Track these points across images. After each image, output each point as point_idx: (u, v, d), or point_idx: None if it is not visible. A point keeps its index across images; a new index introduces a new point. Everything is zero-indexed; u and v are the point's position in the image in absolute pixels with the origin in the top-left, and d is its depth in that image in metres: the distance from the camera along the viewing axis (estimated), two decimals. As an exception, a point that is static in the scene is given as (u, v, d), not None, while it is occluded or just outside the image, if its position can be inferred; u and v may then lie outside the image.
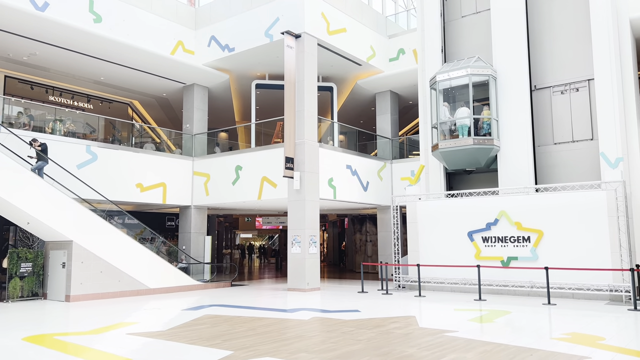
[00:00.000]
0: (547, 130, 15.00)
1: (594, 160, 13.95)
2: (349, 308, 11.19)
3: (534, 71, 15.26)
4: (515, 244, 13.51)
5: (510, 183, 14.59)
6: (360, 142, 20.05)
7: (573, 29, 14.68)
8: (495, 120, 15.06)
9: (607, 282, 11.96)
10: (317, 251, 15.36)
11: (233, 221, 36.16)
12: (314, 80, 15.96)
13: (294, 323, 9.21)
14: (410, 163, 18.49)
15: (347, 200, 16.99)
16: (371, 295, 13.97)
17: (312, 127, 15.62)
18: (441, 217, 14.81)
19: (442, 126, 15.54)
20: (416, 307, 11.26)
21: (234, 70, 18.78)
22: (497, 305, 11.49)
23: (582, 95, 14.56)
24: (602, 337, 7.51)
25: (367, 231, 23.97)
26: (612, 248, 12.03)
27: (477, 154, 14.79)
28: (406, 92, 20.49)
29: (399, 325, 8.76)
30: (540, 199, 13.27)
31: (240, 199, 16.91)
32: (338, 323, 9.12)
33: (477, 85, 15.28)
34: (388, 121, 20.32)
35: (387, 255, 18.89)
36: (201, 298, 13.58)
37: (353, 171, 17.30)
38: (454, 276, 14.28)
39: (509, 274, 13.42)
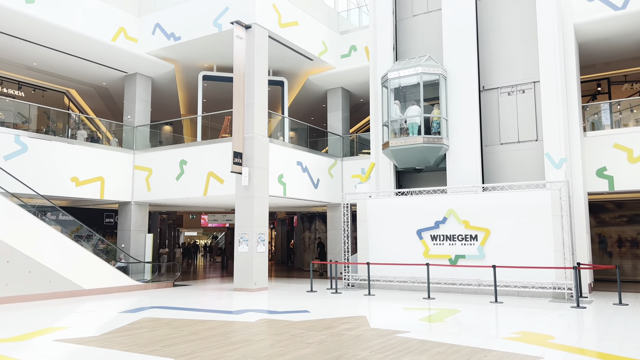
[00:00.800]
0: (494, 130, 15.23)
1: (538, 160, 14.27)
2: (298, 308, 10.82)
3: (482, 72, 15.46)
4: (463, 242, 13.59)
5: (459, 182, 14.71)
6: (311, 138, 19.73)
7: (520, 32, 14.97)
8: (445, 119, 15.14)
9: (550, 280, 12.22)
10: (265, 250, 14.89)
11: (177, 219, 34.97)
12: (264, 73, 15.46)
13: (240, 326, 8.73)
14: (361, 161, 18.34)
15: (297, 197, 16.61)
16: (320, 294, 13.67)
17: (262, 121, 15.12)
18: (391, 215, 14.72)
19: (393, 124, 15.47)
20: (366, 307, 11.05)
21: (179, 60, 17.96)
22: (446, 303, 11.47)
23: (527, 97, 14.87)
24: (551, 335, 7.52)
25: (317, 229, 23.70)
26: (556, 247, 12.30)
27: (426, 153, 14.80)
28: (357, 90, 20.35)
29: (350, 326, 8.48)
30: (488, 198, 13.41)
31: (184, 195, 16.16)
32: (287, 325, 8.72)
33: (427, 84, 15.30)
34: (339, 118, 20.10)
35: (337, 253, 18.68)
36: (140, 299, 12.81)
37: (304, 168, 16.93)
38: (403, 274, 14.22)
39: (456, 272, 13.49)
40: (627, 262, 16.91)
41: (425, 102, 15.35)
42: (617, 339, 7.31)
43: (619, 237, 17.25)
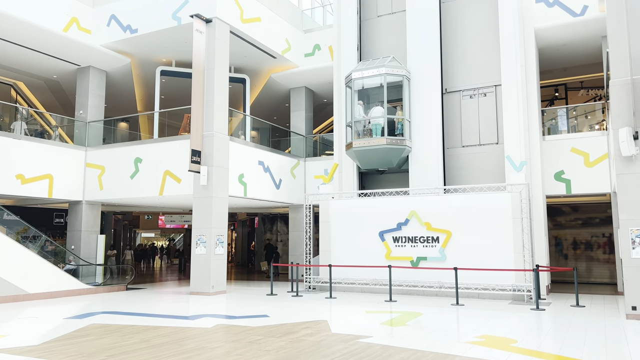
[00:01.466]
0: (456, 133, 15.28)
1: (499, 163, 14.39)
2: (257, 313, 10.43)
3: (445, 74, 15.49)
4: (424, 244, 13.52)
5: (421, 184, 14.67)
6: (273, 138, 19.33)
7: (483, 35, 15.08)
8: (408, 121, 15.08)
9: (510, 282, 12.28)
10: (224, 252, 14.39)
11: (133, 219, 33.81)
12: (225, 69, 14.98)
13: (195, 332, 8.28)
14: (324, 162, 18.08)
15: (258, 198, 16.18)
16: (281, 297, 13.30)
17: (222, 118, 14.63)
18: (353, 217, 14.52)
19: (356, 125, 15.28)
20: (327, 310, 10.77)
21: (136, 54, 17.22)
22: (408, 306, 11.32)
23: (489, 100, 15.00)
24: (513, 339, 7.43)
25: (278, 231, 23.30)
26: (516, 249, 12.37)
27: (389, 154, 14.69)
28: (321, 89, 20.10)
29: (311, 332, 8.16)
30: (449, 200, 13.39)
31: (139, 194, 15.46)
32: (245, 331, 8.33)
33: (391, 85, 15.21)
34: (302, 118, 19.78)
35: (298, 255, 18.34)
36: (90, 304, 12.10)
37: (265, 168, 16.52)
38: (364, 277, 14.03)
39: (418, 274, 13.40)
40: (581, 264, 17.30)
41: (389, 104, 15.26)
42: (578, 342, 7.28)
43: (574, 240, 17.64)
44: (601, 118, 15.97)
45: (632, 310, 9.17)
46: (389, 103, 15.14)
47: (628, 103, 9.51)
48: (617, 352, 6.61)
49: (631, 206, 9.35)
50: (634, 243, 9.26)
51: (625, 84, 9.59)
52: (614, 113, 9.70)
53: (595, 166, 14.10)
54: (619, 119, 9.61)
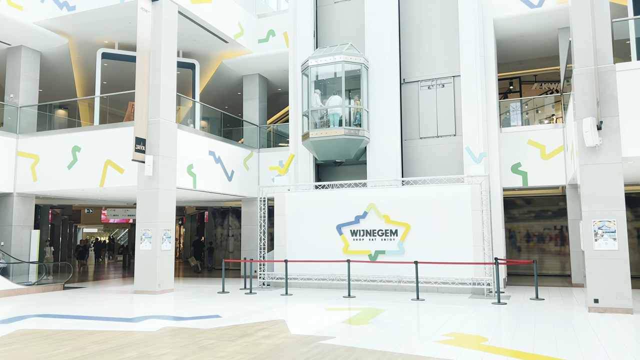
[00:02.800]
0: (414, 124, 14.94)
1: (457, 155, 14.16)
2: (207, 313, 9.63)
3: (404, 64, 15.11)
4: (383, 237, 13.11)
5: (379, 176, 14.24)
6: (225, 128, 18.37)
7: (442, 24, 14.77)
8: (366, 111, 14.60)
9: (470, 276, 12.06)
10: (171, 247, 13.44)
11: (73, 213, 31.83)
12: (172, 51, 13.95)
13: (139, 337, 7.42)
14: (279, 152, 17.37)
15: (209, 190, 15.27)
16: (233, 295, 12.53)
17: (169, 104, 13.62)
18: (310, 210, 13.92)
19: (313, 115, 14.66)
20: (284, 309, 10.11)
21: (75, 34, 15.83)
22: (367, 302, 10.85)
23: (447, 91, 14.73)
24: (483, 337, 7.06)
25: (230, 225, 22.38)
26: (475, 242, 12.16)
27: (348, 145, 14.16)
28: (276, 78, 19.33)
29: (268, 333, 7.49)
30: (409, 192, 13.03)
31: (77, 186, 14.21)
32: (195, 334, 7.55)
33: (349, 74, 14.67)
34: (256, 108, 18.95)
35: (250, 250, 17.58)
36: (21, 306, 10.89)
37: (216, 158, 15.62)
38: (322, 272, 13.48)
39: (376, 269, 12.98)
40: (534, 256, 17.47)
41: (347, 93, 14.72)
42: (549, 339, 6.99)
43: (527, 232, 17.80)
44: (555, 111, 16.13)
45: (594, 302, 9.06)
46: (346, 92, 14.61)
47: (592, 93, 9.37)
48: (590, 348, 6.35)
49: (594, 197, 9.23)
50: (597, 235, 9.14)
51: (589, 74, 9.45)
52: (577, 103, 9.55)
53: (551, 159, 14.15)
54: (582, 109, 9.46)
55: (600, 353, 6.09)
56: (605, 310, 8.96)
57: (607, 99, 9.24)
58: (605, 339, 6.87)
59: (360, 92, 14.74)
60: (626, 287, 8.86)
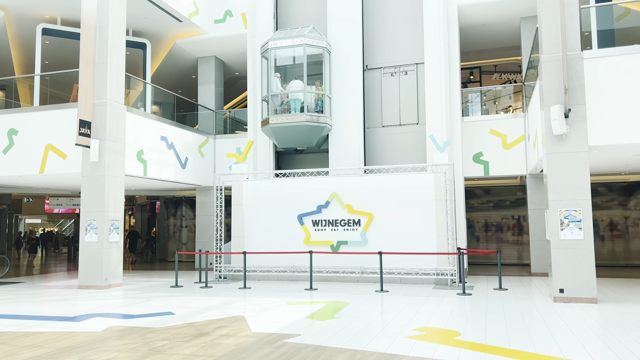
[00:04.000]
0: (376, 112, 14.57)
1: (420, 144, 13.90)
2: (159, 310, 8.92)
3: (366, 50, 14.68)
4: (345, 227, 12.71)
5: (341, 164, 13.81)
6: (178, 112, 17.41)
7: (405, 10, 14.40)
8: (329, 97, 14.10)
9: (433, 266, 11.84)
10: (120, 239, 12.53)
11: (13, 203, 29.82)
12: (121, 27, 12.93)
13: (81, 339, 6.67)
14: (237, 139, 16.63)
15: (160, 178, 14.38)
16: (187, 289, 11.81)
17: (117, 85, 12.63)
18: (270, 199, 13.32)
19: (273, 100, 14.02)
20: (243, 304, 9.52)
21: (11, 6, 14.46)
22: (331, 294, 10.42)
23: (410, 78, 14.42)
24: (455, 331, 6.74)
25: (183, 215, 21.43)
26: (438, 231, 11.95)
27: (309, 132, 13.62)
28: (233, 61, 18.49)
29: (227, 332, 6.90)
30: (372, 181, 12.65)
31: (14, 172, 13.01)
32: (145, 334, 6.87)
33: (311, 58, 14.10)
34: (212, 93, 18.07)
35: (206, 242, 16.82)
36: (-55, 306, 9.79)
37: (169, 144, 14.73)
38: (282, 264, 12.95)
39: (338, 260, 12.57)
40: (492, 246, 17.58)
41: (309, 78, 14.15)
42: (522, 332, 6.76)
43: (485, 222, 17.88)
44: (513, 102, 16.17)
45: (559, 292, 8.97)
46: (308, 78, 14.03)
47: (559, 80, 9.22)
48: (564, 340, 6.13)
49: (560, 186, 9.11)
50: (563, 224, 9.04)
51: (556, 61, 9.28)
52: (545, 90, 9.38)
53: (512, 148, 14.12)
54: (550, 97, 9.30)
55: (575, 345, 5.88)
56: (571, 300, 8.89)
57: (575, 87, 9.11)
58: (577, 330, 6.70)
59: (322, 77, 14.20)
60: (591, 276, 8.81)
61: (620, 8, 10.62)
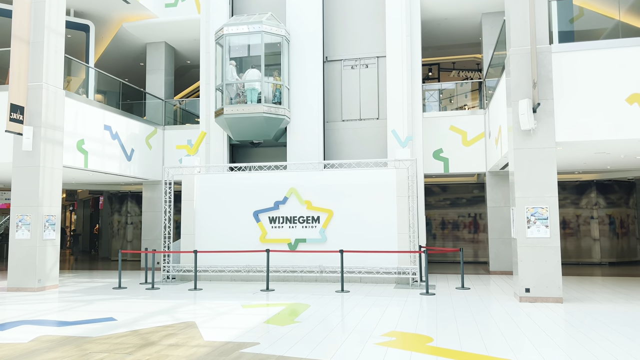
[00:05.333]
0: (336, 105, 14.06)
1: (381, 140, 13.52)
2: (99, 315, 8.01)
3: (327, 41, 14.13)
4: (304, 224, 12.11)
5: (300, 159, 13.22)
6: (124, 101, 16.24)
7: (367, 1, 13.97)
8: (287, 88, 13.45)
9: (394, 265, 11.45)
10: (56, 237, 11.40)
11: (-62, 197, 27.28)
12: (60, 5, 11.74)
13: (3, 352, 5.74)
14: (188, 131, 15.69)
15: (103, 170, 13.27)
16: (132, 291, 10.86)
17: (55, 67, 11.47)
18: (223, 194, 12.53)
19: (228, 89, 13.22)
20: (194, 307, 8.74)
21: None
22: (289, 295, 9.80)
23: (371, 72, 14.01)
24: (427, 336, 6.28)
25: (129, 212, 20.17)
26: (400, 229, 11.56)
27: (266, 125, 12.94)
28: (185, 48, 17.47)
29: (176, 341, 6.15)
30: (332, 176, 12.12)
31: None
32: (82, 344, 6.01)
33: (269, 47, 13.40)
34: (161, 82, 16.99)
35: (152, 240, 15.80)
36: None
37: (113, 134, 13.63)
38: (236, 263, 12.20)
39: (296, 258, 11.96)
40: (448, 244, 17.49)
41: (266, 68, 13.45)
42: (496, 336, 6.41)
43: (442, 220, 17.76)
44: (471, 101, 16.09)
45: (525, 292, 8.74)
46: (265, 68, 13.32)
47: (527, 74, 8.98)
48: (543, 344, 5.80)
49: (528, 183, 8.88)
50: (529, 222, 8.81)
51: (524, 54, 9.05)
52: (513, 84, 9.13)
53: (472, 145, 13.97)
54: (517, 91, 9.06)
55: (554, 349, 5.54)
56: (536, 300, 8.68)
57: (542, 81, 8.90)
58: (552, 332, 6.40)
59: (280, 68, 13.52)
60: (557, 275, 8.63)
61: (576, 8, 10.54)
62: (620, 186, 16.46)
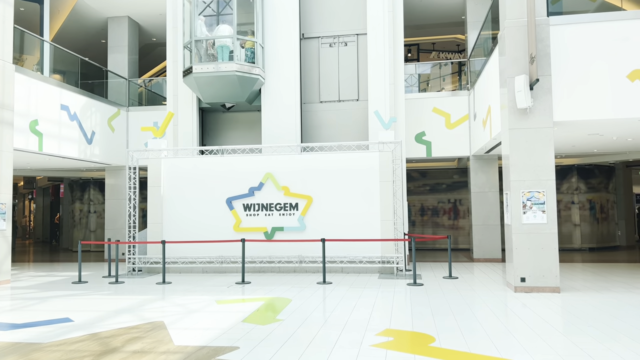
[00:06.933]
0: (314, 86, 13.24)
1: (361, 122, 12.79)
2: (54, 315, 7.08)
3: (303, 17, 13.24)
4: (281, 212, 11.33)
5: (276, 142, 12.37)
6: (84, 80, 15.00)
7: (347, -26, 13.13)
8: (261, 46, 12.48)
9: (377, 254, 10.82)
10: (7, 227, 10.29)
11: None
12: (8, -31, 10.53)
13: None
14: (154, 112, 14.63)
15: (60, 154, 12.15)
16: (93, 286, 9.90)
17: (3, 38, 10.26)
18: (194, 180, 11.61)
19: (197, 46, 12.18)
20: (163, 304, 7.89)
21: None
22: (266, 288, 9.04)
23: (350, 50, 13.21)
24: (428, 335, 5.63)
25: (92, 200, 18.95)
26: (383, 216, 10.92)
27: (239, 84, 11.96)
28: (150, 24, 16.28)
29: (142, 346, 5.32)
30: (311, 160, 11.34)
31: None
32: (29, 352, 5.12)
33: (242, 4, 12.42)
34: (125, 60, 15.82)
35: (117, 229, 14.76)
36: None
37: (72, 115, 12.49)
38: (207, 254, 11.35)
39: (273, 248, 11.20)
40: (428, 230, 17.02)
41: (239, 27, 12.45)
42: (502, 332, 5.82)
43: (422, 206, 17.25)
44: (452, 82, 15.53)
45: (520, 282, 8.22)
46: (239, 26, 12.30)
47: (524, 48, 8.37)
48: (560, 344, 5.22)
49: (524, 165, 8.32)
50: (525, 207, 8.26)
51: (521, 26, 8.43)
52: (508, 59, 8.51)
53: (455, 128, 13.42)
54: (513, 67, 8.44)
55: (571, 347, 4.97)
56: (532, 290, 8.17)
57: (540, 56, 8.30)
58: (563, 329, 5.85)
59: (254, 25, 12.51)
60: (554, 264, 8.13)
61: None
62: (600, 171, 16.26)
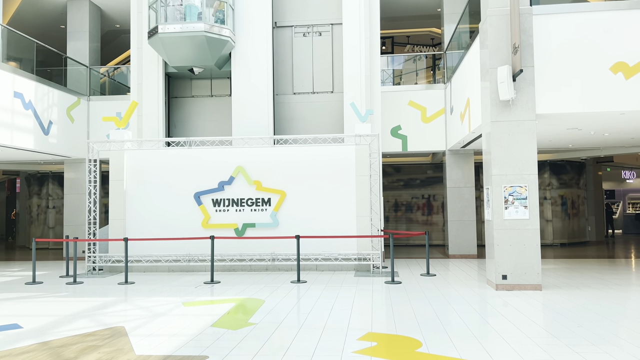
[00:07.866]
0: (286, 77, 12.74)
1: (336, 114, 12.37)
2: (0, 321, 6.39)
3: (276, 5, 12.71)
4: (253, 207, 10.82)
5: (247, 134, 11.82)
6: (41, 67, 14.05)
7: (321, -40, 12.66)
8: (232, 8, 11.87)
9: (353, 251, 10.44)
10: (-49, 224, 9.43)
11: None
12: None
13: None
14: (117, 102, 13.82)
15: (13, 145, 11.28)
16: (49, 287, 9.17)
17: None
18: (159, 174, 10.96)
19: (162, 4, 11.47)
20: (125, 307, 7.28)
21: None
22: (237, 288, 8.53)
23: (325, 41, 12.77)
24: (414, 339, 5.25)
25: (50, 194, 17.95)
26: (359, 211, 10.54)
27: (208, 46, 11.32)
28: (113, 9, 15.41)
29: (99, 356, 4.76)
30: (284, 153, 10.86)
31: None
32: (-37, 369, 4.50)
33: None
34: (86, 48, 14.92)
35: (77, 226, 13.95)
36: None
37: (26, 103, 11.63)
38: (174, 252, 10.74)
39: (244, 246, 10.68)
40: (402, 226, 16.77)
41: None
42: (493, 335, 5.50)
43: (395, 202, 16.98)
44: (426, 77, 15.27)
45: (502, 279, 7.96)
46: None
47: (507, 38, 8.10)
48: (552, 346, 4.92)
49: (506, 159, 8.05)
50: (507, 202, 8.00)
51: (504, 15, 8.14)
52: (490, 50, 8.22)
53: (431, 122, 13.15)
54: (495, 57, 8.16)
55: (566, 351, 4.67)
56: (514, 288, 7.92)
57: (522, 46, 8.04)
58: (551, 328, 5.58)
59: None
60: (536, 261, 7.90)
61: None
62: (572, 166, 16.32)
